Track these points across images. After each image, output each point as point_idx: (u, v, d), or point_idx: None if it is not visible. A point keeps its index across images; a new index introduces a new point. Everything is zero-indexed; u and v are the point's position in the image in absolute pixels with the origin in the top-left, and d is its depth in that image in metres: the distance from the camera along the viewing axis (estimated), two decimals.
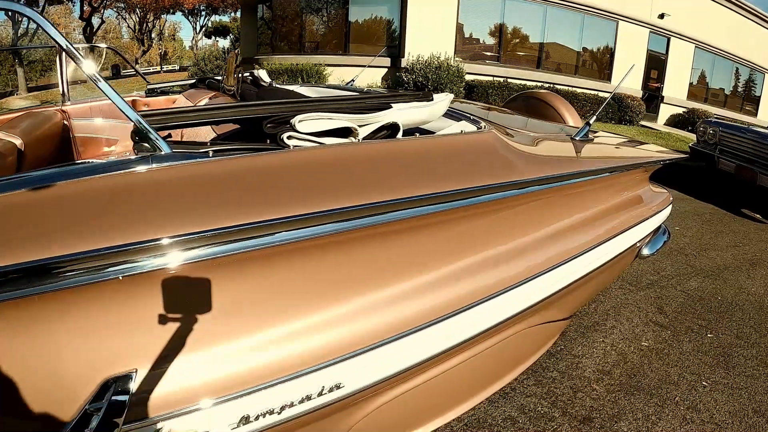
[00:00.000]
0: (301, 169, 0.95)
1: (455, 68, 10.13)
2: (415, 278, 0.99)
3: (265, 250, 0.83)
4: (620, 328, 2.19)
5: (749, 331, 2.31)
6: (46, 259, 0.65)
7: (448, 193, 1.07)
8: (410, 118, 1.31)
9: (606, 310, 2.34)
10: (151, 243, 0.73)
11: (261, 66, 11.23)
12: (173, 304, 0.73)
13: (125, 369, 0.68)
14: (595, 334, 2.11)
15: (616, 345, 2.04)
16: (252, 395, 0.76)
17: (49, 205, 0.74)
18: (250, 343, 0.78)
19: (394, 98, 1.36)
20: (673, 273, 2.92)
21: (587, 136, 1.73)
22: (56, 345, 0.66)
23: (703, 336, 2.20)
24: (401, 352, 0.94)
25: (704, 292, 2.69)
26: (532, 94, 2.85)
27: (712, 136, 5.39)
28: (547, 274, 1.31)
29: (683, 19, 13.01)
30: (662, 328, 2.23)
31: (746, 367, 1.99)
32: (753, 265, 3.31)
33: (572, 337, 2.07)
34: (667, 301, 2.52)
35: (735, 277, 3.02)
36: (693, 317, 2.37)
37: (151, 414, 0.68)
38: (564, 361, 1.89)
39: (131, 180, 0.80)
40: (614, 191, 1.73)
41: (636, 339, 2.11)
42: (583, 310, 2.30)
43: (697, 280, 2.86)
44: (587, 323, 2.19)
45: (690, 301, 2.55)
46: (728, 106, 15.33)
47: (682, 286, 2.73)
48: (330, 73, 10.94)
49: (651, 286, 2.67)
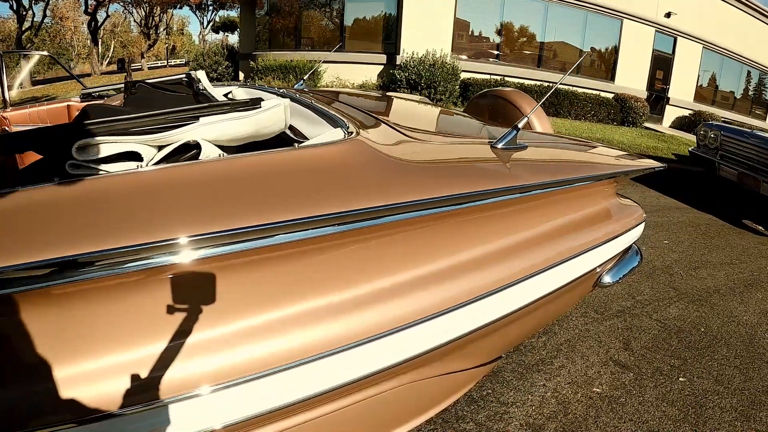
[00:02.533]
0: (76, 203, 0.78)
1: (450, 66, 9.77)
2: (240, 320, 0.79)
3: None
4: (571, 367, 1.81)
5: (732, 373, 1.93)
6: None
7: (268, 226, 0.80)
8: (226, 132, 1.05)
9: (558, 343, 1.96)
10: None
11: (255, 62, 11.06)
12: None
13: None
14: (536, 374, 1.74)
15: (560, 390, 1.67)
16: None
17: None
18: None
19: (209, 110, 1.09)
20: (651, 297, 2.53)
21: (514, 143, 1.37)
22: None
23: (672, 380, 1.82)
24: (236, 402, 0.78)
25: (685, 322, 2.30)
26: (497, 92, 2.47)
27: (713, 141, 4.98)
28: (437, 319, 1.00)
29: (691, 18, 12.64)
30: (623, 369, 1.85)
31: (721, 423, 1.61)
32: (748, 287, 2.91)
33: (507, 378, 1.70)
34: (636, 333, 2.13)
35: (725, 302, 2.62)
36: (665, 355, 1.99)
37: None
38: (487, 409, 1.52)
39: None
40: (560, 209, 1.41)
41: (587, 383, 1.73)
42: (528, 343, 1.93)
43: (679, 307, 2.47)
44: (530, 360, 1.82)
45: (665, 333, 2.17)
46: (736, 109, 14.93)
47: (659, 315, 2.34)
48: (325, 70, 10.75)
49: (620, 315, 2.28)
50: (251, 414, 0.79)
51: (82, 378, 0.67)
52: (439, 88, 9.56)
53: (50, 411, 0.66)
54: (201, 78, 1.90)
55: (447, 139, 1.42)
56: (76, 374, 0.67)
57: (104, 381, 0.68)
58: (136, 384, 0.70)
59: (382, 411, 1.09)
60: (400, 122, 1.50)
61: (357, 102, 1.92)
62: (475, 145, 1.41)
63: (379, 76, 11.01)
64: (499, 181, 1.20)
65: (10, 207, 0.73)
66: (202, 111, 1.07)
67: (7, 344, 0.68)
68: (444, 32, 10.73)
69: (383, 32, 11.20)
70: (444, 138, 1.43)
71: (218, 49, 14.05)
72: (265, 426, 0.85)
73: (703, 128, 5.21)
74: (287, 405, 0.81)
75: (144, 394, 0.70)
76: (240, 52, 13.54)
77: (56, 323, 0.70)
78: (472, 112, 2.56)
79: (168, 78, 2.00)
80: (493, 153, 1.32)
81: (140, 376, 0.70)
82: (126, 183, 0.81)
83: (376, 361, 0.91)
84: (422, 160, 1.15)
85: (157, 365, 0.71)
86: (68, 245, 0.69)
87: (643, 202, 4.75)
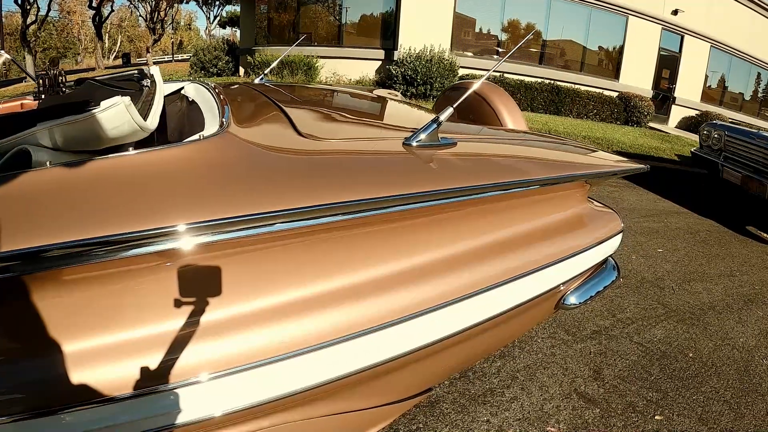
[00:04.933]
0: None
1: (448, 62, 9.48)
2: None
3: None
4: (524, 400, 1.53)
5: (721, 409, 1.64)
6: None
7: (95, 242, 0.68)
8: (67, 136, 0.93)
9: (515, 370, 1.68)
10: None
11: (253, 57, 10.90)
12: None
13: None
14: (480, 408, 1.46)
15: (505, 429, 1.39)
16: None
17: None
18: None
19: (45, 113, 0.97)
20: (635, 315, 2.24)
21: (435, 139, 1.13)
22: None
23: (647, 418, 1.53)
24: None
25: (671, 346, 2.01)
26: (467, 85, 2.17)
27: (717, 141, 4.66)
28: (328, 349, 0.83)
29: (698, 16, 12.30)
30: (589, 403, 1.57)
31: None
32: (748, 303, 2.61)
33: (445, 410, 1.42)
34: (611, 359, 1.84)
35: (720, 321, 2.32)
36: (642, 386, 1.70)
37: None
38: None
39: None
40: (508, 217, 1.19)
41: (541, 420, 1.45)
42: (478, 368, 1.65)
43: (666, 327, 2.17)
44: (476, 390, 1.54)
45: (645, 360, 1.88)
46: (744, 110, 14.59)
47: (641, 336, 2.05)
48: (322, 65, 10.58)
49: (595, 336, 2.00)
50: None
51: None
52: (435, 84, 9.27)
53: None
54: (154, 74, 1.84)
55: (355, 138, 1.20)
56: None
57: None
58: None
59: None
60: (307, 119, 1.33)
61: (285, 98, 1.71)
62: (385, 143, 1.15)
63: (377, 71, 10.82)
64: (406, 184, 0.96)
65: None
66: (42, 115, 0.96)
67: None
68: (443, 27, 10.51)
69: (382, 27, 11.03)
70: (352, 137, 1.20)
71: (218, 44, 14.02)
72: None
73: (706, 128, 4.88)
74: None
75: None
76: (240, 47, 13.43)
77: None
78: (442, 107, 2.29)
79: (119, 74, 1.85)
80: (404, 152, 1.07)
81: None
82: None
83: (248, 397, 0.76)
84: (301, 162, 0.95)
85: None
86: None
87: (639, 205, 4.45)
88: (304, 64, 10.28)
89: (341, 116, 1.56)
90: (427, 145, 1.10)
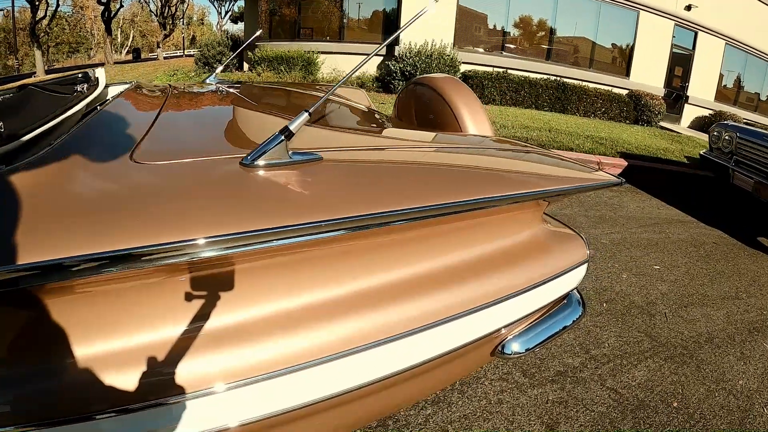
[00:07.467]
0: None
1: (449, 58, 9.12)
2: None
3: None
4: None
5: None
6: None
7: None
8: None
9: (447, 420, 1.35)
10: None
11: (253, 52, 10.72)
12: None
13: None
14: None
15: None
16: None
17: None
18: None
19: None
20: (613, 351, 1.90)
21: (284, 155, 0.85)
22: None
23: None
24: None
25: (652, 392, 1.67)
26: (424, 80, 1.84)
27: (728, 143, 4.26)
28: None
29: (713, 12, 11.78)
30: None
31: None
32: (754, 332, 2.25)
33: None
34: (573, 410, 1.51)
35: (718, 357, 1.97)
36: None
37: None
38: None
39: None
40: (422, 248, 0.94)
41: None
42: (400, 417, 1.33)
43: (650, 366, 1.83)
44: None
45: (616, 411, 1.54)
46: (761, 110, 14.00)
47: (616, 380, 1.71)
48: (323, 61, 10.36)
49: (559, 378, 1.66)
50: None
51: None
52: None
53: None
54: (99, 77, 1.77)
55: (196, 156, 0.90)
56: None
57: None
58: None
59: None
60: (170, 133, 1.11)
61: (178, 105, 1.49)
62: (223, 163, 0.85)
63: (378, 67, 10.51)
64: (227, 222, 0.68)
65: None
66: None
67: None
68: (446, 22, 10.17)
69: (383, 21, 10.73)
70: (193, 156, 0.90)
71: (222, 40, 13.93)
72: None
73: (716, 129, 4.47)
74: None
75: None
76: (244, 42, 13.36)
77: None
78: (401, 107, 1.97)
79: (62, 78, 1.71)
80: (240, 174, 0.79)
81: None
82: None
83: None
84: (105, 198, 0.75)
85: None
86: None
87: (639, 213, 4.06)
88: (302, 60, 10.03)
89: (213, 125, 1.29)
90: (271, 164, 0.81)
